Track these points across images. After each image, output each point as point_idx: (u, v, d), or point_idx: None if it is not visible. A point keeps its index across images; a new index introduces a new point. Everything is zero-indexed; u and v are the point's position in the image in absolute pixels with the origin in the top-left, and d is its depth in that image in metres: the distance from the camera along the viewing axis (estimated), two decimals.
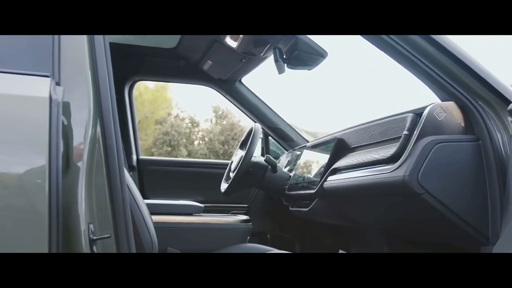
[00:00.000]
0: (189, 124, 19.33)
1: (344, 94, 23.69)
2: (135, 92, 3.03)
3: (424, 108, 1.41)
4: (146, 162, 2.93)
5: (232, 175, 2.37)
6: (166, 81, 3.16)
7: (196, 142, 19.19)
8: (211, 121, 19.58)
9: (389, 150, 1.47)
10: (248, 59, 2.44)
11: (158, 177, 2.91)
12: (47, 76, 1.02)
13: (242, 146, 2.50)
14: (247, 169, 2.30)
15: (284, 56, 2.12)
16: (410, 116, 1.44)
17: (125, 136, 2.85)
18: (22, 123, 0.96)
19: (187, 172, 2.95)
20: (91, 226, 1.01)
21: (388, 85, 21.97)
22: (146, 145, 17.85)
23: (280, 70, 2.14)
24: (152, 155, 16.86)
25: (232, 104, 2.95)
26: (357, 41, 1.48)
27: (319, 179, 1.89)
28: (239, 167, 2.28)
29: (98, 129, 1.08)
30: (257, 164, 2.34)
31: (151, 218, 1.72)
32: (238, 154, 2.49)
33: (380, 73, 22.37)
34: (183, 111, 19.94)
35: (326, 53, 2.05)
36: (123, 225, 1.07)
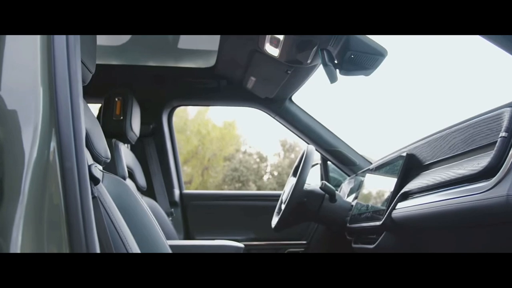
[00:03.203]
0: (257, 159, 19.20)
1: (412, 102, 21.90)
2: (202, 130, 2.81)
3: None
4: (190, 197, 2.65)
5: (283, 207, 2.01)
6: (208, 105, 2.90)
7: (265, 177, 18.98)
8: (279, 155, 19.35)
9: (480, 162, 1.05)
10: (294, 70, 2.09)
11: (204, 213, 2.63)
12: None
13: (294, 173, 2.14)
14: (300, 199, 1.95)
15: (335, 61, 1.76)
16: (508, 112, 1.02)
17: (165, 169, 2.58)
18: None
19: (236, 206, 2.64)
20: None
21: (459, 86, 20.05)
22: (216, 182, 17.90)
23: (332, 78, 1.77)
24: None
25: (299, 137, 2.62)
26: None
27: (386, 207, 1.49)
28: (289, 198, 1.93)
29: (53, 147, 0.76)
30: (312, 193, 1.98)
31: None
32: (290, 182, 2.13)
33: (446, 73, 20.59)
34: (251, 146, 19.90)
35: (386, 51, 1.67)
36: None
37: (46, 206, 0.74)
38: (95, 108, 2.32)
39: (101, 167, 1.33)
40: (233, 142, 19.49)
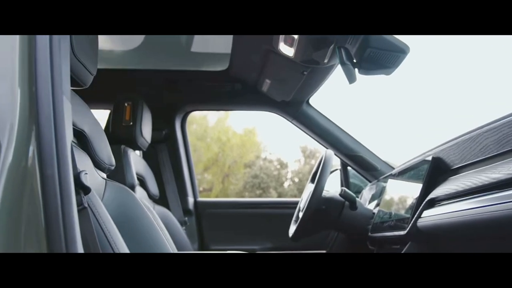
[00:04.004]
0: (278, 166, 19.11)
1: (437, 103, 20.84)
2: (223, 137, 2.75)
3: None
4: (205, 205, 2.57)
5: (301, 215, 1.91)
6: (223, 109, 2.81)
7: (286, 184, 18.87)
8: (299, 162, 19.22)
9: None
10: (311, 71, 1.99)
11: (220, 221, 2.54)
12: None
13: (313, 179, 2.05)
14: (319, 206, 1.85)
15: (354, 60, 1.65)
16: None
17: (179, 176, 2.50)
18: None
19: (252, 214, 2.55)
20: None
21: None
22: (237, 189, 17.88)
23: (351, 79, 1.66)
24: None
25: (318, 142, 2.51)
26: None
27: (410, 216, 1.38)
28: (307, 205, 1.84)
29: (32, 152, 0.68)
30: (331, 200, 1.88)
31: None
32: (308, 189, 2.03)
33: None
34: (271, 153, 19.83)
35: (408, 48, 1.56)
36: None
37: (23, 218, 0.66)
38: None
39: (104, 175, 1.26)
40: (253, 149, 19.45)
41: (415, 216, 1.34)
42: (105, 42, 2.37)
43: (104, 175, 1.25)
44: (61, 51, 0.77)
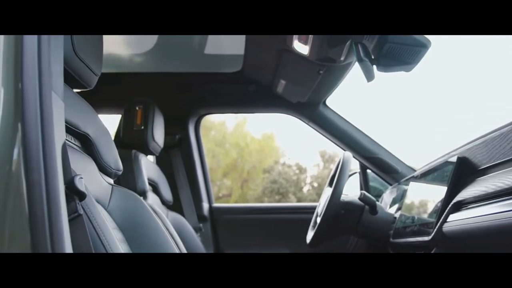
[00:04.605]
0: (297, 171, 19.05)
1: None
2: (241, 143, 2.72)
3: None
4: (220, 211, 2.52)
5: (319, 220, 1.84)
6: (237, 112, 2.76)
7: (305, 189, 18.80)
8: (318, 166, 19.13)
9: None
10: (326, 70, 1.92)
11: (235, 227, 2.50)
12: None
13: (330, 183, 1.97)
14: (337, 211, 1.78)
15: (372, 56, 1.57)
16: None
17: (193, 181, 2.45)
18: None
19: (269, 220, 2.49)
20: None
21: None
22: (256, 194, 17.86)
23: (369, 76, 1.58)
24: None
25: (338, 147, 2.43)
26: None
27: (435, 220, 1.30)
28: (325, 210, 1.77)
29: (16, 155, 0.62)
30: (350, 204, 1.81)
31: None
32: (325, 193, 1.96)
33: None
34: (290, 158, 19.81)
35: (429, 42, 1.48)
36: None
37: (7, 227, 0.60)
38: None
39: (111, 180, 1.20)
40: (272, 154, 19.43)
41: (441, 220, 1.26)
42: (117, 44, 2.34)
43: (111, 180, 1.20)
44: (50, 46, 0.72)
